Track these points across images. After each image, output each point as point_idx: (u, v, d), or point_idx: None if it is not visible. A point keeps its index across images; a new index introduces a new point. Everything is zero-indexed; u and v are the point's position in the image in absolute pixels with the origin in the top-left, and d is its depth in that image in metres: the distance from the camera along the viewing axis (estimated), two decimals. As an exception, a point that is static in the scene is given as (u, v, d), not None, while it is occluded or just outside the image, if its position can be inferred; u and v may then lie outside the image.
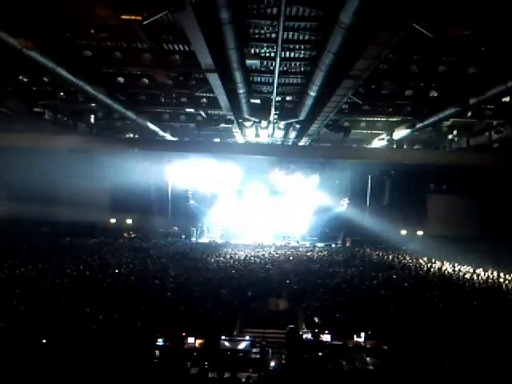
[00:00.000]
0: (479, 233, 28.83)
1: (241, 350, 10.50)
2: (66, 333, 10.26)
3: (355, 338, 11.24)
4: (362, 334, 11.24)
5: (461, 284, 17.57)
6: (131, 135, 24.67)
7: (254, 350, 10.45)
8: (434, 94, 15.77)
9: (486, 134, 19.94)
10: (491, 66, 13.03)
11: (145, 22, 9.15)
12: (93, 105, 18.62)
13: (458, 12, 9.92)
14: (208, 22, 9.34)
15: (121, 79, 15.60)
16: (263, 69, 14.41)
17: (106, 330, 10.66)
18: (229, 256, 22.79)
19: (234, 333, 11.91)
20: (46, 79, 15.19)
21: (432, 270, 20.98)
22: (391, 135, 21.69)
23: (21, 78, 15.13)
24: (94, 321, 11.24)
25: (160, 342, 10.38)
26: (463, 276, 19.41)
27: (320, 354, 10.05)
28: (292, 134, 23.07)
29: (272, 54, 12.73)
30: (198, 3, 8.36)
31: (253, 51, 12.86)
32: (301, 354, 10.11)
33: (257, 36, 11.82)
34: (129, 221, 31.68)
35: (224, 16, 8.92)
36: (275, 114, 18.61)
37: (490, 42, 11.63)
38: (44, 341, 9.76)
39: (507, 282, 18.06)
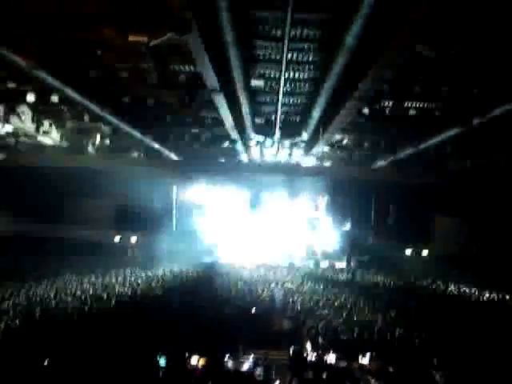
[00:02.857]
0: (483, 254, 28.57)
1: (244, 371, 10.40)
2: (67, 352, 10.19)
3: (360, 360, 11.10)
4: (367, 355, 11.11)
5: (466, 304, 17.39)
6: (136, 154, 24.87)
7: (258, 371, 10.35)
8: (438, 114, 15.83)
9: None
10: (495, 86, 13.11)
11: (151, 44, 9.30)
12: (99, 124, 18.82)
13: (461, 32, 10.03)
14: (213, 44, 9.49)
15: (126, 99, 15.76)
16: (267, 89, 14.54)
17: (109, 350, 10.58)
18: (232, 275, 22.70)
19: (238, 353, 11.79)
20: (53, 99, 15.37)
21: (437, 290, 20.81)
22: (395, 155, 21.77)
23: (28, 97, 15.33)
24: (96, 339, 11.15)
25: (162, 362, 10.28)
26: (469, 297, 19.23)
27: (324, 375, 9.93)
28: (296, 154, 23.17)
29: (276, 75, 12.87)
30: (204, 26, 8.50)
31: (257, 72, 13.03)
32: (305, 375, 9.99)
33: (261, 57, 11.97)
34: (133, 239, 31.64)
35: (229, 38, 9.06)
36: (279, 134, 18.72)
37: (492, 62, 11.72)
38: (46, 362, 9.69)
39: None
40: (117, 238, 31.26)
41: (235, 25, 8.71)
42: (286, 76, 12.66)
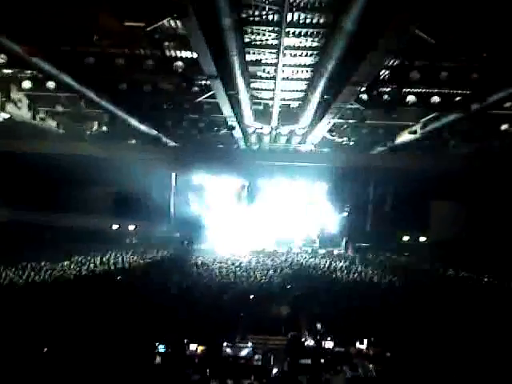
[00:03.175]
0: (480, 239, 28.65)
1: (243, 357, 10.47)
2: (67, 338, 10.24)
3: (358, 345, 11.18)
4: (365, 341, 11.19)
5: (464, 289, 17.47)
6: (134, 141, 24.71)
7: (256, 357, 10.42)
8: (436, 99, 15.74)
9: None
10: (493, 71, 13.03)
11: (148, 29, 9.21)
12: (96, 111, 18.67)
13: (459, 18, 9.94)
14: (210, 29, 9.38)
15: (123, 86, 15.59)
16: (265, 75, 14.43)
17: (108, 337, 10.63)
18: (230, 262, 22.78)
19: (236, 339, 11.86)
20: (49, 85, 15.21)
21: (435, 275, 20.91)
22: (393, 141, 21.71)
23: (24, 84, 15.19)
24: (96, 326, 11.20)
25: (161, 348, 10.34)
26: (466, 281, 19.32)
27: (322, 360, 10.02)
28: (294, 140, 23.09)
29: (274, 60, 12.77)
30: (201, 10, 8.39)
31: (255, 57, 12.92)
32: (303, 360, 10.07)
33: (259, 42, 11.86)
34: (131, 227, 31.67)
35: (226, 22, 8.96)
36: (277, 120, 18.63)
37: (491, 47, 11.64)
38: (45, 348, 9.75)
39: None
40: (115, 226, 31.31)
41: (232, 9, 8.60)
42: (284, 61, 12.57)
